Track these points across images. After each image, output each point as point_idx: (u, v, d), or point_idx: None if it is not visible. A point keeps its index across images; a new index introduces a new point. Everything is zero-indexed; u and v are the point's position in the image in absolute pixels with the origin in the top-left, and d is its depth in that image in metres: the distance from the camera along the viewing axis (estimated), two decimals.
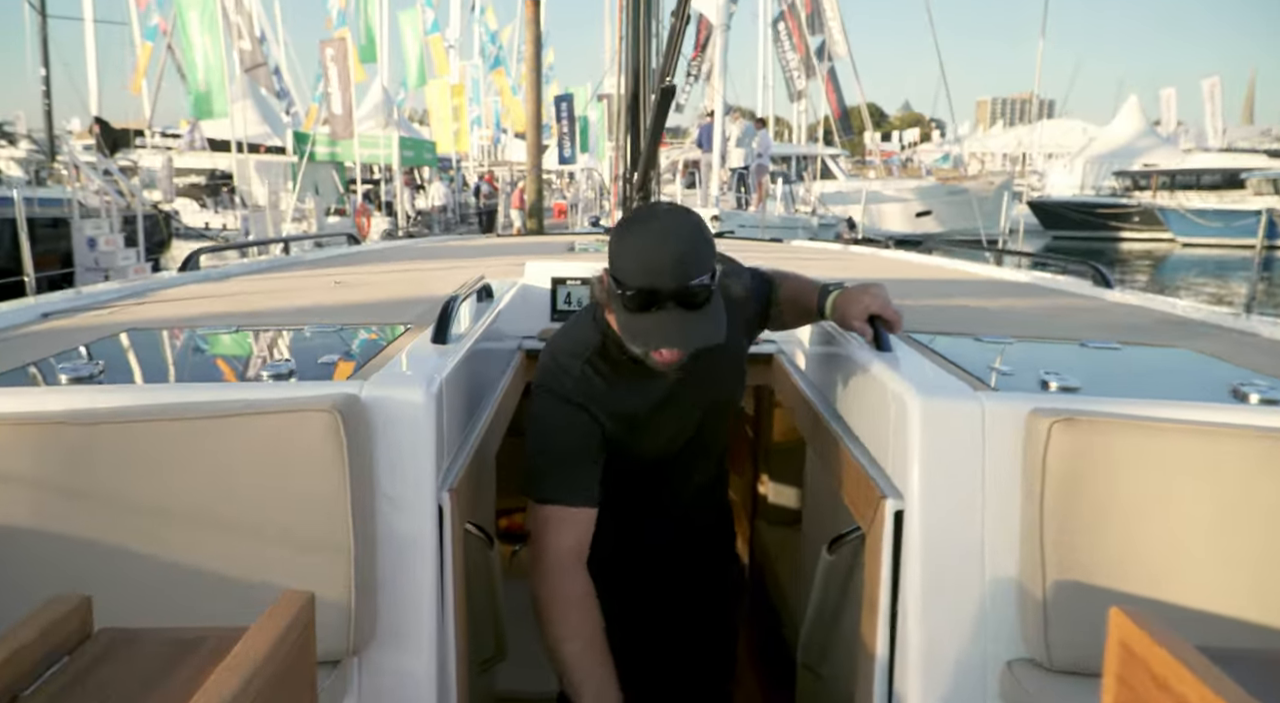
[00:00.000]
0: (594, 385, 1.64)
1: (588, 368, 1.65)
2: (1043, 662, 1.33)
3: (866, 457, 1.67)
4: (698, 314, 1.46)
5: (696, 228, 1.48)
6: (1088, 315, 2.33)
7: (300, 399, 1.34)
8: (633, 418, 1.67)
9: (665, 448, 1.77)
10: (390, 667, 1.41)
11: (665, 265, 1.42)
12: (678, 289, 1.43)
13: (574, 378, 1.64)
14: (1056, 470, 1.33)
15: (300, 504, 1.31)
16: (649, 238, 1.45)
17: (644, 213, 1.50)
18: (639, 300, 1.45)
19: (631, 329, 1.49)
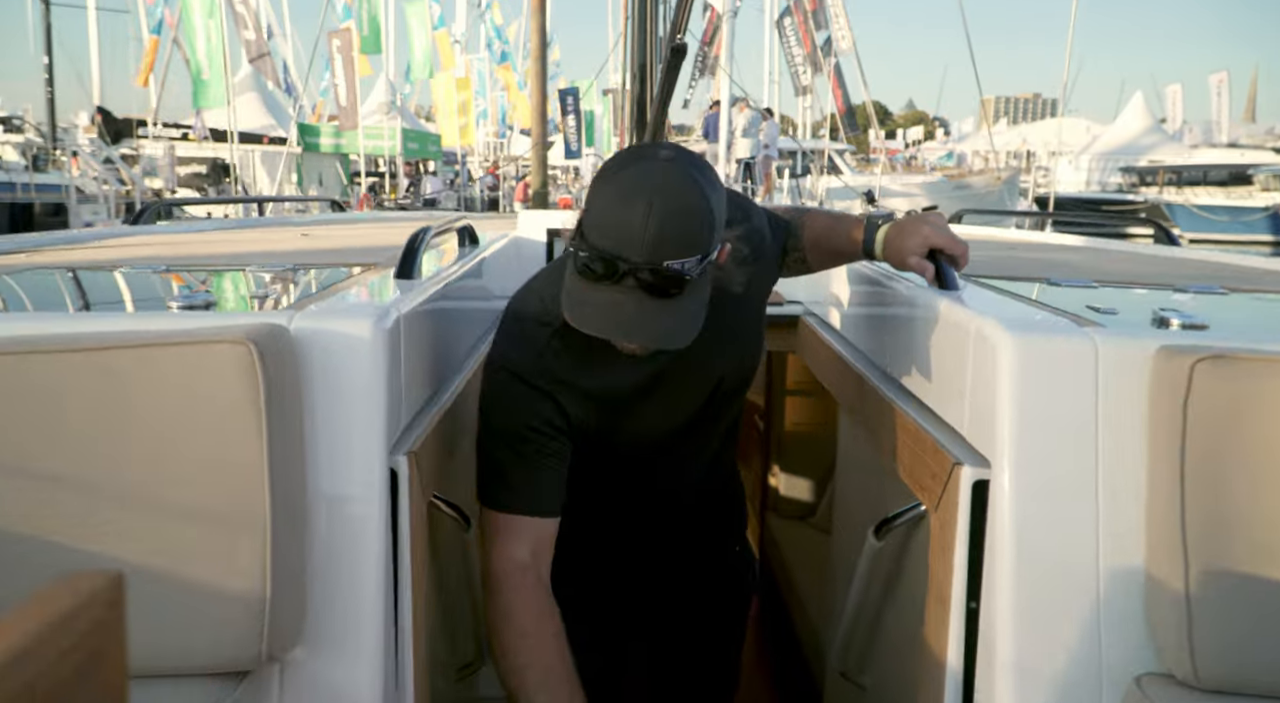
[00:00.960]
0: (561, 363, 1.29)
1: (556, 342, 1.29)
2: (1185, 678, 1.01)
3: (931, 419, 1.34)
4: (662, 304, 1.11)
5: (699, 195, 1.10)
6: (1169, 265, 2.01)
7: (207, 329, 1.02)
8: (613, 401, 1.34)
9: (656, 434, 1.42)
10: (324, 677, 1.09)
11: (639, 233, 1.07)
12: (646, 267, 1.08)
13: (536, 351, 1.29)
14: (1202, 424, 1.00)
15: (203, 461, 1.00)
16: (629, 194, 1.09)
17: (642, 155, 1.13)
18: (593, 266, 1.11)
19: (572, 296, 1.14)
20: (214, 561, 0.99)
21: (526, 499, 1.28)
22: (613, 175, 1.12)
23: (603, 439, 1.35)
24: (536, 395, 1.28)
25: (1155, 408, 1.05)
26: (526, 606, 1.26)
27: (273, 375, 1.01)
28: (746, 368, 1.46)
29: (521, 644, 1.25)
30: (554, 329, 1.28)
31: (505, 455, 1.28)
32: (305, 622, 1.08)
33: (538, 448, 1.28)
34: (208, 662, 1.00)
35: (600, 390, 1.31)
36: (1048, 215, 4.15)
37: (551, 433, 1.29)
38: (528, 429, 1.27)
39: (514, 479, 1.28)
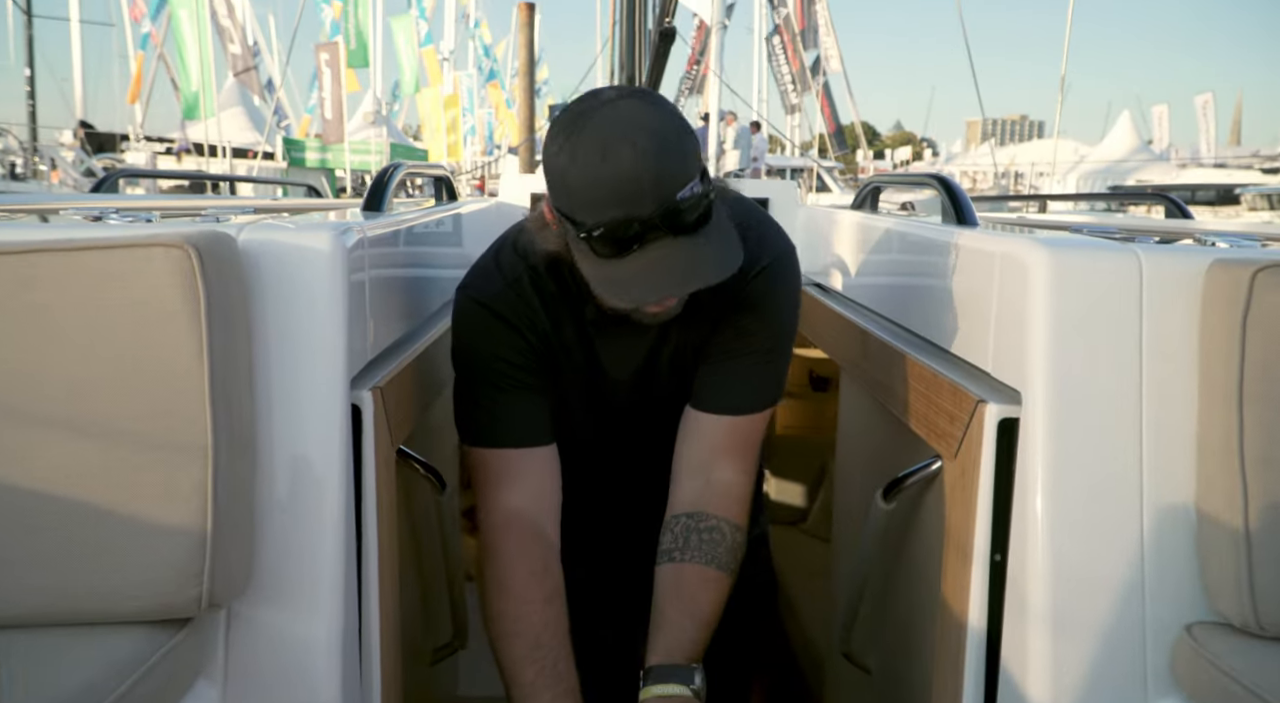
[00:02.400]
0: (530, 306, 1.19)
1: (527, 279, 1.19)
2: (1244, 624, 0.89)
3: (949, 361, 1.23)
4: (695, 240, 1.01)
5: (666, 114, 1.00)
6: (1199, 225, 1.91)
7: (141, 235, 0.90)
8: (578, 357, 1.24)
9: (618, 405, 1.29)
10: (276, 631, 0.97)
11: (638, 182, 0.96)
12: (665, 211, 0.98)
13: (506, 283, 1.19)
14: (1263, 343, 0.90)
15: (136, 380, 0.87)
16: (604, 148, 0.97)
17: (584, 110, 1.00)
18: (613, 240, 0.99)
19: (610, 280, 1.03)
20: (148, 491, 0.87)
21: (513, 430, 1.17)
22: (572, 140, 0.99)
23: (569, 400, 1.25)
24: (505, 327, 1.18)
25: (1209, 328, 0.94)
26: (518, 564, 1.14)
27: (215, 286, 0.89)
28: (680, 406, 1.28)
29: (510, 609, 1.13)
30: (528, 266, 1.19)
31: (483, 389, 1.18)
32: (254, 568, 0.95)
33: (515, 380, 1.17)
34: (140, 607, 0.87)
35: (568, 343, 1.22)
36: (1049, 198, 4.06)
37: (526, 364, 1.19)
38: (502, 360, 1.17)
39: (497, 411, 1.17)
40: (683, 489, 1.22)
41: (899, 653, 1.45)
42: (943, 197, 1.45)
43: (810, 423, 3.03)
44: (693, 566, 1.16)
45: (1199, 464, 0.95)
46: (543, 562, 1.16)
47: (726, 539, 1.18)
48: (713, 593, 1.16)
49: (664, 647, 1.12)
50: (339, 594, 0.98)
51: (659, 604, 1.16)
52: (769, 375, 1.23)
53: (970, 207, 1.30)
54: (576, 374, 1.24)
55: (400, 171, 1.42)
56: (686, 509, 1.20)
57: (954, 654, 1.10)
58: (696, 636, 1.13)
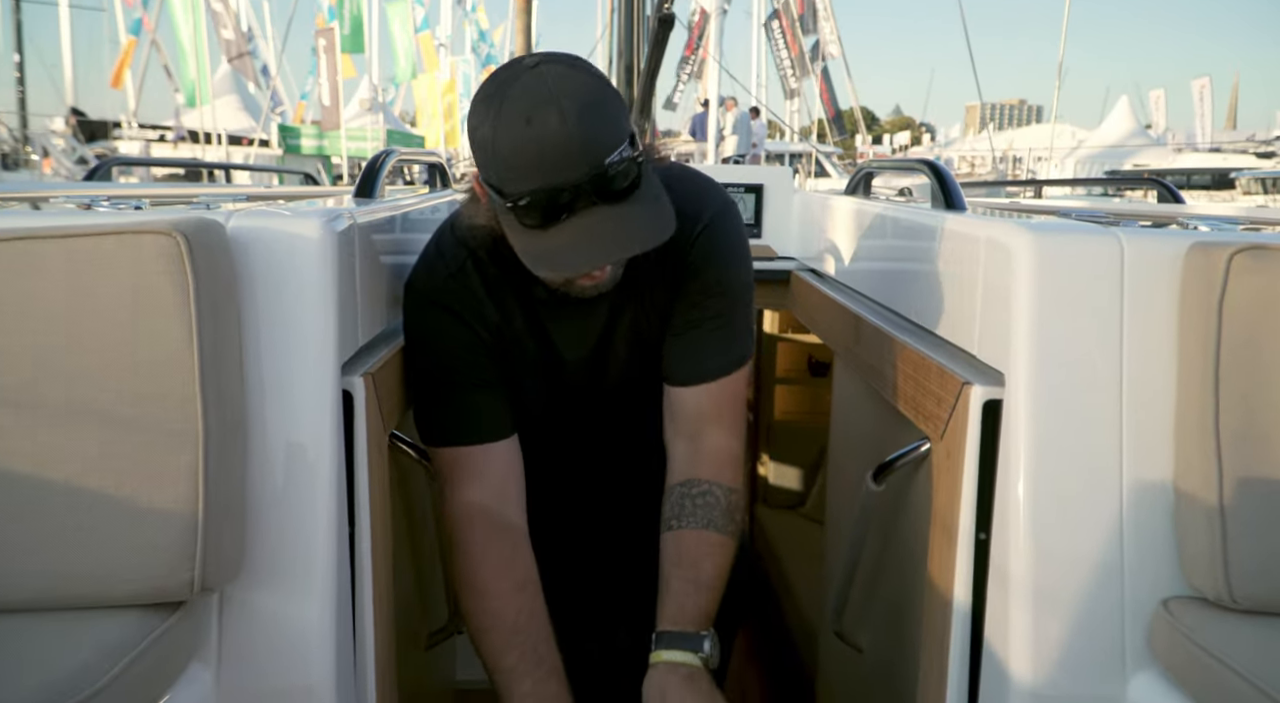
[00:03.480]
0: (475, 294, 1.18)
1: (470, 265, 1.18)
2: (1219, 599, 0.91)
3: (937, 345, 1.24)
4: (626, 207, 0.99)
5: (592, 78, 0.98)
6: (1187, 209, 1.92)
7: (130, 222, 0.91)
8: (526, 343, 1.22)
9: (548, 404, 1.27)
10: (270, 614, 0.98)
11: (565, 148, 0.94)
12: (594, 177, 0.96)
13: (450, 272, 1.18)
14: (1238, 323, 0.91)
15: (125, 366, 0.88)
16: (529, 115, 0.94)
17: (507, 78, 0.98)
18: (541, 209, 0.97)
19: (539, 252, 1.00)
20: (139, 477, 0.88)
21: (470, 426, 1.17)
22: (494, 108, 0.96)
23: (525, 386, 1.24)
24: (454, 321, 1.17)
25: (1187, 309, 0.95)
26: (484, 560, 1.14)
27: (204, 273, 0.90)
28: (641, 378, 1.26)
29: (482, 606, 1.13)
30: (469, 252, 1.17)
31: (438, 386, 1.17)
32: (246, 552, 0.96)
33: (470, 375, 1.17)
34: (133, 591, 0.89)
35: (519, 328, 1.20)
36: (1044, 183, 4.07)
37: (478, 358, 1.18)
38: (454, 356, 1.17)
39: (454, 407, 1.17)
40: (674, 460, 1.23)
41: (888, 632, 1.47)
42: (932, 182, 1.46)
43: (808, 408, 3.04)
44: (690, 531, 1.16)
45: (1177, 443, 0.96)
46: (511, 552, 1.16)
47: (720, 502, 1.18)
48: (714, 556, 1.16)
49: (670, 614, 1.13)
50: (332, 578, 0.99)
51: (663, 572, 1.17)
52: (735, 333, 1.21)
53: (959, 192, 1.31)
54: (531, 359, 1.22)
55: (392, 158, 1.43)
56: (679, 479, 1.21)
57: (940, 632, 1.12)
58: (700, 600, 1.13)
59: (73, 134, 17.11)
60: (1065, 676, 0.97)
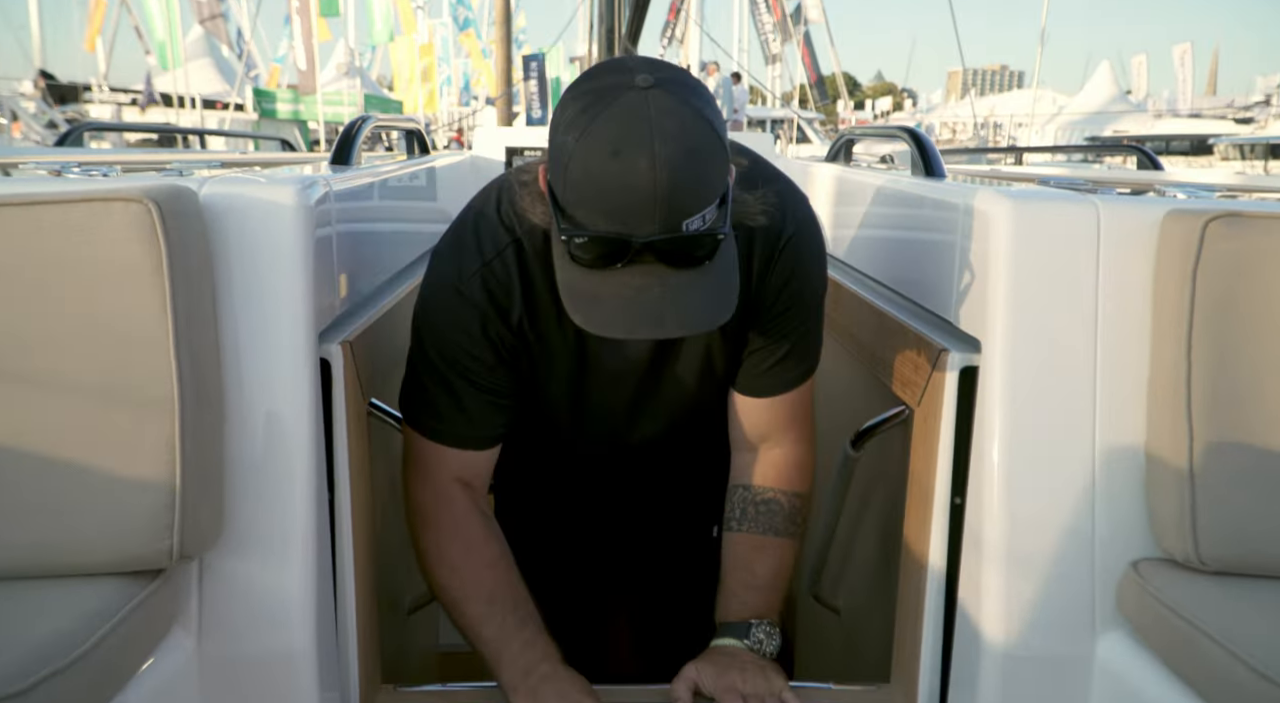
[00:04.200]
0: (508, 287, 1.06)
1: (510, 254, 1.05)
2: (1186, 560, 0.93)
3: (916, 312, 1.25)
4: (692, 275, 0.88)
5: (703, 123, 0.85)
6: (1165, 177, 1.93)
7: (101, 189, 0.90)
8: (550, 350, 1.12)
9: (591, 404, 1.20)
10: (249, 580, 0.98)
11: (647, 197, 0.82)
12: (665, 240, 0.85)
13: (484, 260, 1.05)
14: (1211, 289, 0.92)
15: (100, 334, 0.88)
16: (618, 146, 0.82)
17: (608, 87, 0.86)
18: (596, 254, 0.86)
19: (578, 294, 0.89)
20: (115, 445, 0.87)
21: (452, 430, 1.11)
22: (585, 120, 0.85)
23: (535, 394, 1.16)
24: (472, 314, 1.06)
25: (1162, 275, 0.96)
26: (453, 539, 1.12)
27: (176, 240, 0.89)
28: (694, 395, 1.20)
29: (454, 580, 1.11)
30: (513, 239, 1.05)
31: (432, 378, 1.10)
32: (225, 519, 0.96)
33: (467, 374, 1.08)
34: (112, 560, 0.88)
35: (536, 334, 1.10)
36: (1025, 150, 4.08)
37: (485, 359, 1.08)
38: (458, 352, 1.07)
39: (440, 406, 1.10)
40: (741, 459, 1.22)
41: (865, 594, 1.50)
42: (912, 149, 1.46)
43: None
44: (747, 536, 1.19)
45: (1149, 406, 0.97)
46: (481, 533, 1.13)
47: (783, 508, 1.19)
48: (767, 559, 1.18)
49: (723, 610, 1.17)
50: (311, 545, 1.00)
51: (723, 570, 1.20)
52: (809, 346, 1.17)
53: (939, 159, 1.32)
54: (566, 360, 1.13)
55: (369, 124, 1.41)
56: (744, 480, 1.21)
57: (914, 595, 1.14)
58: (751, 599, 1.16)
59: (42, 97, 16.73)
60: (1036, 636, 0.99)
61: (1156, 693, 0.90)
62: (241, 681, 0.98)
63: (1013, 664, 0.99)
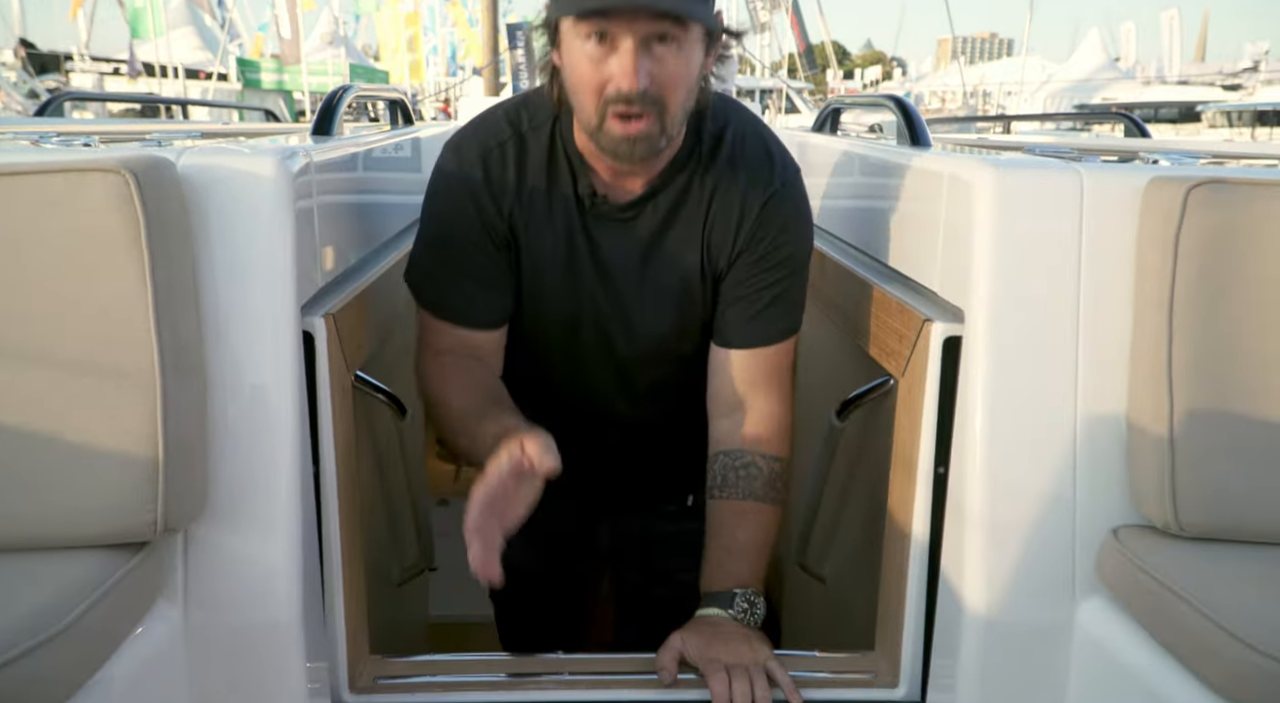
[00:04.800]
0: (504, 177, 1.15)
1: (511, 147, 1.15)
2: (1166, 526, 0.94)
3: (900, 283, 1.25)
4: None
5: None
6: (1148, 146, 1.93)
7: (77, 160, 0.88)
8: (535, 252, 1.18)
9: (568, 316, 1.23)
10: (234, 553, 0.98)
11: None
12: None
13: (486, 149, 1.15)
14: (1193, 256, 0.92)
15: (78, 306, 0.87)
16: None
17: None
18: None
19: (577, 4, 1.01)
20: (96, 418, 0.87)
21: (454, 307, 1.18)
22: None
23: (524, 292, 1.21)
24: (469, 201, 1.15)
25: (1145, 242, 0.96)
26: (458, 379, 1.18)
27: (154, 211, 0.88)
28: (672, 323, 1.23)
29: (452, 406, 1.17)
30: (515, 133, 1.15)
31: (433, 257, 1.18)
32: (209, 492, 0.96)
33: (467, 260, 1.16)
34: (96, 532, 0.88)
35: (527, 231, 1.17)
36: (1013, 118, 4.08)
37: (484, 247, 1.16)
38: (459, 237, 1.16)
39: (441, 283, 1.18)
40: (719, 426, 1.23)
41: (850, 563, 1.51)
42: (898, 118, 1.45)
43: None
44: (728, 502, 1.20)
45: (1131, 373, 0.98)
46: (484, 380, 1.19)
47: (762, 472, 1.20)
48: (749, 524, 1.19)
49: (707, 579, 1.19)
50: (296, 517, 1.00)
51: (706, 538, 1.21)
52: (790, 302, 1.20)
53: (924, 128, 1.31)
54: (556, 259, 1.18)
55: (350, 94, 1.39)
56: (724, 447, 1.22)
57: (898, 563, 1.15)
58: (734, 567, 1.18)
59: (23, 67, 16.49)
60: (1017, 602, 1.00)
61: (1136, 659, 0.91)
62: (228, 651, 0.99)
63: (994, 631, 1.01)
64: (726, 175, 1.15)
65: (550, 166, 1.15)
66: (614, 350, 1.25)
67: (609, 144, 1.06)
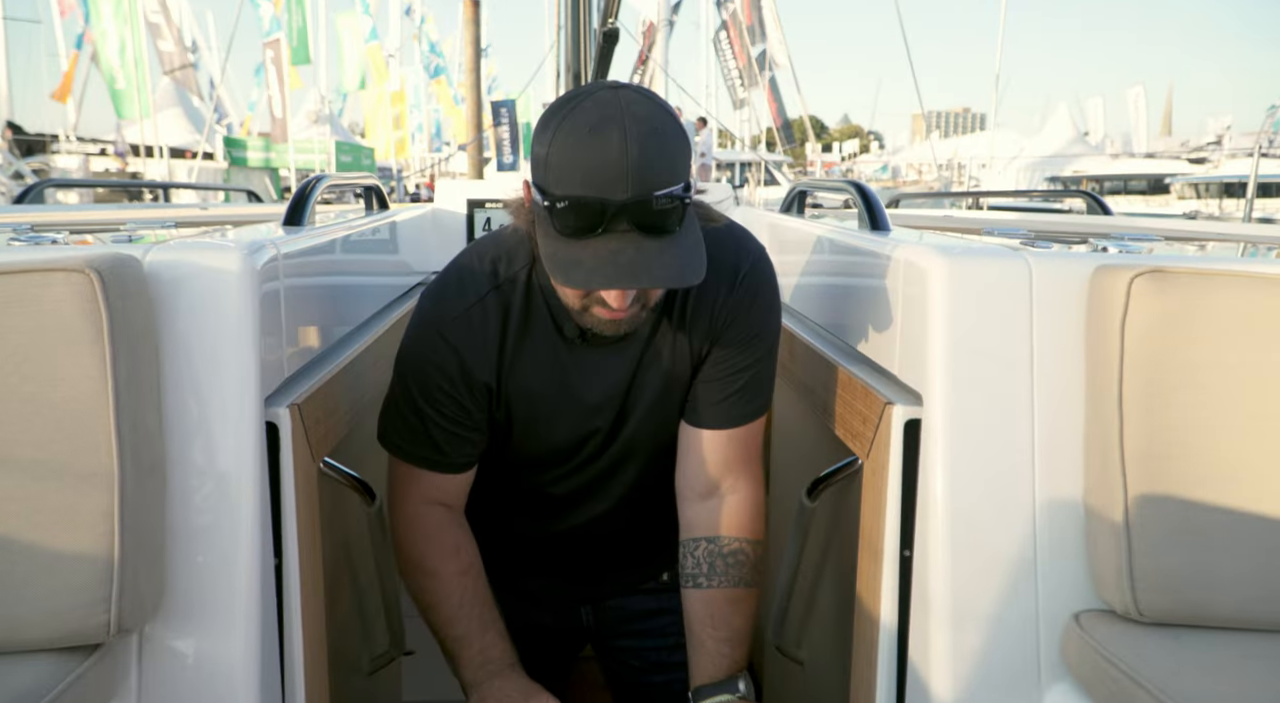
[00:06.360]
0: (485, 333, 1.14)
1: (492, 300, 1.14)
2: (1126, 612, 0.94)
3: (863, 364, 1.27)
4: (663, 244, 0.97)
5: (663, 112, 0.99)
6: (1105, 225, 1.98)
7: (42, 259, 0.90)
8: (523, 393, 1.18)
9: (556, 450, 1.24)
10: (191, 654, 0.97)
11: (617, 166, 0.93)
12: (637, 204, 0.95)
13: (466, 304, 1.14)
14: (1140, 344, 0.94)
15: (39, 406, 0.87)
16: (592, 127, 0.95)
17: (583, 92, 1.00)
18: (577, 219, 0.96)
19: (563, 260, 0.98)
20: (51, 518, 0.86)
21: (426, 457, 1.19)
22: (565, 116, 0.97)
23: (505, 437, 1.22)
24: (451, 353, 1.14)
25: (1093, 330, 0.99)
26: (430, 545, 1.20)
27: (119, 310, 0.89)
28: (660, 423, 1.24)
29: (429, 585, 1.19)
30: (497, 285, 1.14)
31: (409, 408, 1.17)
32: (166, 591, 0.95)
33: (444, 409, 1.15)
34: (46, 635, 0.87)
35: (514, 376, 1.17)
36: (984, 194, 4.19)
37: (461, 396, 1.15)
38: (436, 390, 1.15)
39: (415, 435, 1.18)
40: (697, 511, 1.23)
41: (825, 646, 1.49)
42: (858, 204, 1.49)
43: None
44: (720, 591, 1.20)
45: (1085, 459, 0.99)
46: (454, 544, 1.21)
47: (750, 558, 1.21)
48: (742, 612, 1.21)
49: (708, 671, 1.18)
50: (255, 613, 0.98)
51: (693, 629, 1.21)
52: (762, 381, 1.21)
53: (884, 213, 1.35)
54: (546, 396, 1.19)
55: (323, 184, 1.42)
56: (705, 533, 1.22)
57: (868, 647, 1.14)
58: (734, 654, 1.19)
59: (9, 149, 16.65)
60: (984, 688, 0.99)
61: None
62: None
63: None
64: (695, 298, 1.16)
65: (530, 314, 1.15)
66: (602, 456, 1.26)
67: (593, 324, 1.09)
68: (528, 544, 1.38)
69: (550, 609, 1.43)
